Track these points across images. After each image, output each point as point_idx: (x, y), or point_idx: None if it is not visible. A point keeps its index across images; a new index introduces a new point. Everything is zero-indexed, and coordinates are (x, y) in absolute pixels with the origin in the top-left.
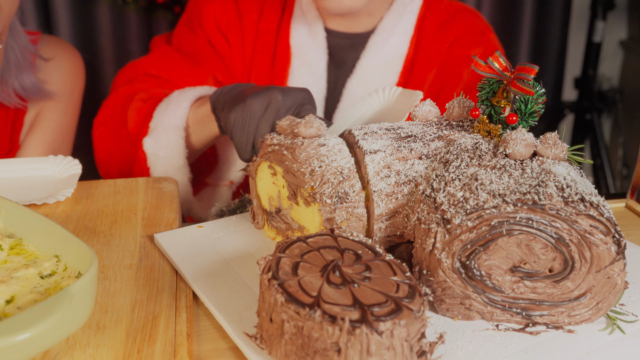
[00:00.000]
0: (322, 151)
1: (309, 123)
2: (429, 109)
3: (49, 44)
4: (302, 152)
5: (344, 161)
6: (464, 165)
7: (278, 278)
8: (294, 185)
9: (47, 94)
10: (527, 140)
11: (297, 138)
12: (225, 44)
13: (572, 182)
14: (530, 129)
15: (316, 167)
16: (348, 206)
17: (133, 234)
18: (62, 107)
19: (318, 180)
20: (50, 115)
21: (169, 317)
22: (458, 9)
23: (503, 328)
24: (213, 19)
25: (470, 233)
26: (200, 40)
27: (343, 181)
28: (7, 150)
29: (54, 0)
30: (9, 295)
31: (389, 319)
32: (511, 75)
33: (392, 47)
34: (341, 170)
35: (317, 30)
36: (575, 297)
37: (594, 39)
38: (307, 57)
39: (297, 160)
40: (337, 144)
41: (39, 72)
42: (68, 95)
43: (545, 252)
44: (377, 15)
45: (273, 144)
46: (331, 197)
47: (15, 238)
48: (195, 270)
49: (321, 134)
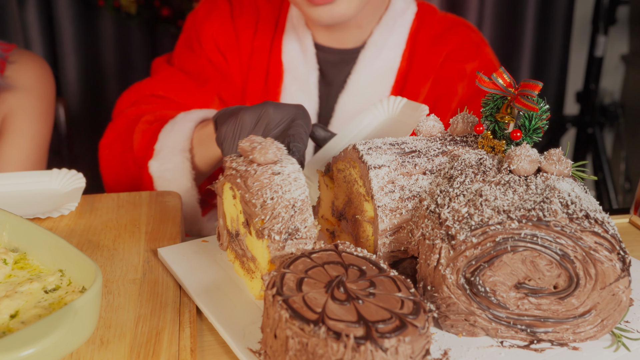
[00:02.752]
0: (276, 180)
1: (264, 149)
2: (433, 124)
3: (19, 53)
4: (255, 182)
5: (298, 192)
6: (469, 181)
7: (282, 294)
8: (247, 214)
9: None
10: (531, 156)
11: (252, 164)
12: (224, 62)
13: (577, 199)
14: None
15: (268, 198)
16: (298, 242)
17: (137, 248)
18: (31, 111)
19: (268, 214)
20: (20, 120)
21: (172, 332)
22: (452, 22)
23: (508, 345)
24: (212, 38)
25: (475, 249)
26: (202, 59)
27: (294, 215)
28: None
29: (58, 14)
30: (13, 310)
31: (393, 336)
32: (515, 92)
33: (384, 61)
34: (294, 203)
35: (307, 45)
36: (580, 314)
37: (595, 53)
38: (298, 73)
39: (249, 189)
40: (293, 172)
41: (6, 72)
42: (35, 98)
43: (550, 268)
44: (367, 29)
45: (231, 167)
46: (280, 234)
47: (20, 252)
48: (199, 285)
49: (278, 159)
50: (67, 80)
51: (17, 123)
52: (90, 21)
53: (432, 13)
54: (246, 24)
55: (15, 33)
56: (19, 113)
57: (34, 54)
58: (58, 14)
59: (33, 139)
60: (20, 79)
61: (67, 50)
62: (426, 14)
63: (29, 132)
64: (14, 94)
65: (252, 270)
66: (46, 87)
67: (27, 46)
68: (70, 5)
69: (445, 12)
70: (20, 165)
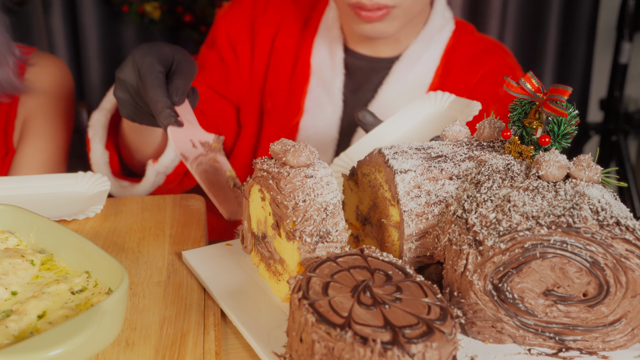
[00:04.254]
0: (309, 183)
1: (297, 152)
2: (459, 129)
3: (39, 55)
4: (288, 184)
5: (330, 196)
6: (496, 187)
7: (308, 298)
8: (278, 216)
9: (23, 89)
10: (560, 162)
11: (285, 167)
12: (233, 57)
13: (607, 205)
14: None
15: (300, 201)
16: (329, 245)
17: (161, 251)
18: (51, 113)
19: (300, 216)
20: (40, 122)
21: (197, 335)
22: (489, 45)
23: (535, 352)
24: (225, 33)
25: (503, 255)
26: (214, 54)
27: (326, 218)
28: (4, 153)
29: (82, 19)
30: (40, 311)
31: (420, 341)
32: (544, 97)
33: (417, 75)
34: (326, 206)
35: (336, 49)
36: (609, 323)
37: (620, 60)
38: (324, 76)
39: (281, 191)
40: (325, 176)
41: (26, 74)
42: (55, 100)
43: (579, 276)
44: (405, 42)
45: (262, 169)
46: (312, 236)
47: (47, 253)
48: (223, 288)
49: (310, 163)
50: (91, 84)
51: (38, 125)
52: (114, 26)
53: (469, 33)
54: (267, 22)
55: (40, 38)
56: (39, 115)
57: (54, 56)
58: (83, 20)
59: (53, 141)
60: (40, 81)
61: (92, 55)
62: (463, 33)
63: (49, 134)
64: (34, 97)
65: (280, 273)
66: (66, 89)
67: (52, 51)
68: (95, 10)
69: (482, 34)
70: (40, 167)
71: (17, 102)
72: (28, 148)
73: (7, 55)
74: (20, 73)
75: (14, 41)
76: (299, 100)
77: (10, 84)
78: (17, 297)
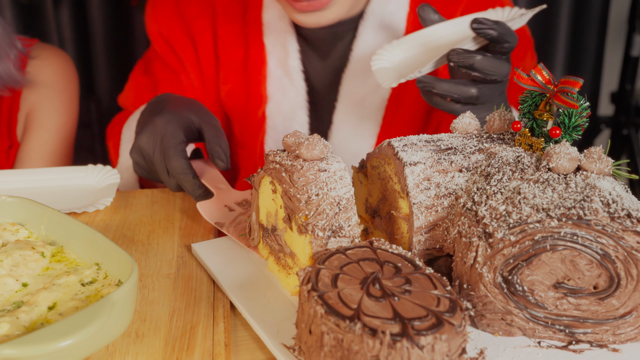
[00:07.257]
0: (322, 177)
1: (311, 145)
2: (469, 122)
3: (41, 47)
4: (301, 177)
5: (343, 190)
6: (506, 179)
7: (318, 289)
8: (290, 209)
9: (25, 82)
10: (571, 154)
11: (298, 160)
12: (175, 59)
13: (618, 198)
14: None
15: (313, 194)
16: (341, 240)
17: (171, 243)
18: (55, 105)
19: (313, 210)
20: (44, 114)
21: (206, 326)
22: None
23: (545, 345)
24: (158, 35)
25: (512, 247)
26: (158, 63)
27: (339, 213)
28: (8, 146)
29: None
30: (51, 302)
31: (430, 334)
32: (554, 89)
33: (388, 27)
34: (339, 200)
35: (286, 24)
36: (620, 315)
37: (631, 53)
38: (281, 55)
39: (294, 184)
40: (339, 170)
41: (27, 67)
42: (59, 92)
43: (590, 268)
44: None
45: (275, 161)
46: (324, 230)
47: (57, 245)
48: (233, 281)
49: (324, 156)
50: (100, 78)
51: (41, 118)
52: (123, 21)
53: None
54: (198, 12)
55: (50, 32)
56: (43, 108)
57: (56, 47)
58: (91, 13)
59: (58, 133)
60: (42, 74)
61: (100, 49)
62: None
63: (53, 127)
64: (36, 89)
65: (290, 266)
66: (69, 81)
67: (61, 45)
68: (104, 4)
69: None
70: (46, 159)
71: (19, 95)
72: (32, 141)
73: (7, 48)
74: (22, 66)
75: (15, 33)
76: (258, 88)
77: (11, 77)
78: (27, 288)
